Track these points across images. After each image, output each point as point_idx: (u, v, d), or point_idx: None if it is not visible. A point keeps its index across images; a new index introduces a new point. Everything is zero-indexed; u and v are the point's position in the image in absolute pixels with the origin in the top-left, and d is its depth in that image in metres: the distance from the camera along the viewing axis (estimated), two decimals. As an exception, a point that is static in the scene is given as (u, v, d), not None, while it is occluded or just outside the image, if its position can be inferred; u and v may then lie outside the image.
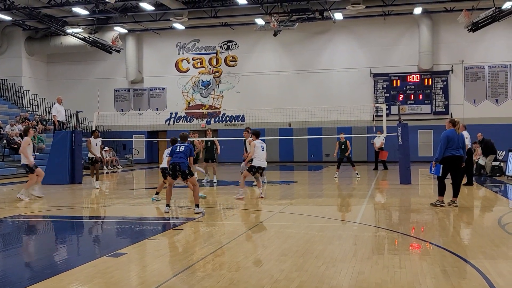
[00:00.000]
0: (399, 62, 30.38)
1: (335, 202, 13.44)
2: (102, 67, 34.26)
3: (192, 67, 33.39)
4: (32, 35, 33.05)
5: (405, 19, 29.93)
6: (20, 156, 14.58)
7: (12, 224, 10.33)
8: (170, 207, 11.12)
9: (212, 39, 32.90)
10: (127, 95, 34.31)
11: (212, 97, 33.12)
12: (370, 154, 29.38)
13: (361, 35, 30.89)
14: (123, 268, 6.53)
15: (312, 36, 31.39)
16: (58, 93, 28.15)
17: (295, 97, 30.76)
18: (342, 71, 31.07)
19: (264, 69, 32.16)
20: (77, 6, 27.08)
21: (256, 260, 6.65)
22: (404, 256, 6.85)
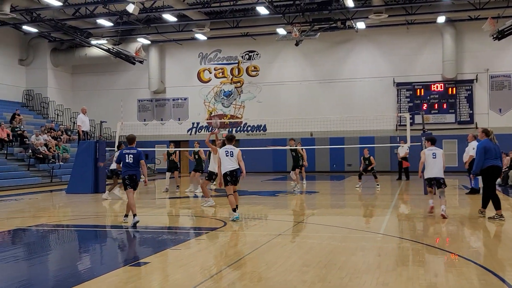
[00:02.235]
0: (422, 71, 30.10)
1: (358, 213, 13.31)
2: (126, 78, 34.65)
3: (214, 77, 33.57)
4: (58, 47, 33.62)
5: (428, 28, 29.69)
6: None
7: (37, 233, 10.44)
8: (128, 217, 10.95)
9: (234, 49, 33.06)
10: (150, 105, 34.60)
11: (234, 107, 33.22)
12: (393, 164, 29.08)
13: (384, 44, 30.72)
14: (146, 277, 6.54)
15: (334, 46, 31.33)
16: (83, 103, 28.56)
17: (317, 106, 30.67)
18: (365, 81, 30.91)
19: (285, 79, 32.17)
20: (102, 17, 27.48)
21: (278, 271, 6.59)
22: (429, 268, 6.72)
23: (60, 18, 27.55)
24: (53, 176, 23.87)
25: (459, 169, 27.58)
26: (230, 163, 11.10)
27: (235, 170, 11.12)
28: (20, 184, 21.80)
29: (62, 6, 25.39)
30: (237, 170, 11.15)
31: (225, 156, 11.18)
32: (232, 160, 11.13)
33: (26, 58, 32.86)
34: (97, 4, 25.80)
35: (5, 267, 7.28)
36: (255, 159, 25.95)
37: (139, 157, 10.72)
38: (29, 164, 23.93)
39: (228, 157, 11.15)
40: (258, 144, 29.45)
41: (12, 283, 6.31)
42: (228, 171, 11.07)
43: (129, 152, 10.78)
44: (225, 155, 11.18)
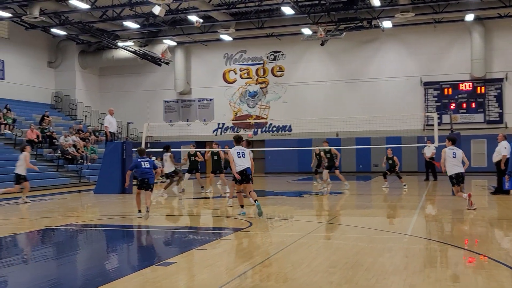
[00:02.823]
0: (450, 70, 29.66)
1: (384, 213, 13.18)
2: (152, 79, 34.98)
3: (239, 78, 33.64)
4: (85, 49, 34.12)
5: (456, 26, 29.24)
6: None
7: (66, 233, 10.61)
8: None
9: (259, 50, 33.09)
10: (176, 106, 34.86)
11: (259, 108, 33.24)
12: (420, 164, 28.73)
13: (411, 43, 30.38)
14: (172, 277, 6.58)
15: (360, 45, 31.10)
16: (110, 104, 28.95)
17: (343, 106, 30.49)
18: (391, 80, 30.61)
19: (311, 79, 32.06)
20: (128, 20, 27.81)
21: (304, 272, 6.57)
22: (458, 270, 6.62)
23: (87, 20, 27.97)
24: (82, 176, 24.23)
25: (488, 169, 27.10)
26: (242, 162, 11.59)
27: (245, 169, 11.58)
28: (49, 184, 22.19)
29: (89, 9, 25.77)
30: (247, 168, 11.65)
31: (237, 156, 11.62)
32: (243, 161, 11.60)
33: (54, 60, 33.44)
34: (123, 7, 26.12)
35: (35, 266, 7.41)
36: (280, 160, 25.92)
37: (154, 165, 12.27)
38: (58, 164, 24.34)
39: (240, 157, 11.61)
40: (283, 144, 29.41)
41: (42, 282, 6.42)
42: (241, 170, 11.55)
43: (144, 160, 12.08)
44: (237, 156, 11.63)
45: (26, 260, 7.74)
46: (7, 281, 6.64)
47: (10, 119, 25.79)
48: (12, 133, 24.90)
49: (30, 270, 7.19)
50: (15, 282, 6.54)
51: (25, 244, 9.47)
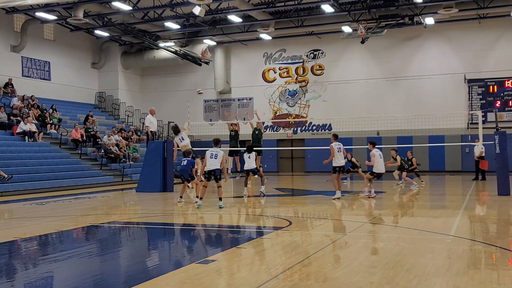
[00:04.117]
0: (495, 66, 28.84)
1: (427, 213, 12.93)
2: (192, 79, 35.32)
3: (279, 77, 33.61)
4: (127, 50, 34.76)
5: (501, 22, 28.41)
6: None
7: (109, 230, 10.84)
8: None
9: (298, 49, 32.97)
10: (216, 105, 35.11)
11: (299, 106, 33.13)
12: (464, 163, 28.09)
13: (454, 39, 29.70)
14: (212, 275, 6.64)
15: (401, 42, 30.60)
16: (151, 104, 29.41)
17: (384, 105, 30.06)
18: (434, 77, 29.99)
19: (351, 77, 31.74)
20: (169, 20, 28.18)
21: (344, 271, 6.52)
22: (503, 272, 6.44)
23: (129, 22, 28.50)
24: (124, 175, 24.70)
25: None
26: (212, 163, 13.35)
27: (213, 170, 13.36)
28: (93, 182, 22.71)
29: (131, 11, 26.23)
30: (216, 170, 13.39)
31: (209, 157, 13.40)
32: (214, 162, 13.35)
33: (98, 61, 34.20)
34: (164, 8, 26.48)
35: (79, 262, 7.61)
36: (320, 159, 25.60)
37: (192, 164, 15.52)
38: (101, 163, 24.87)
39: (212, 159, 13.36)
40: (323, 143, 29.19)
41: (86, 277, 6.58)
42: (208, 170, 13.39)
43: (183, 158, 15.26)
44: (210, 157, 13.40)
45: (71, 256, 7.94)
46: (53, 276, 6.84)
47: (56, 118, 26.52)
48: (58, 132, 25.59)
49: (75, 266, 7.38)
50: (60, 278, 6.73)
51: (70, 240, 9.72)
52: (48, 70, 30.47)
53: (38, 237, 9.75)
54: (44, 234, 10.07)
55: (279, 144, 31.14)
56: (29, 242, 9.25)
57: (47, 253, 8.41)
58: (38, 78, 29.83)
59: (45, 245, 9.26)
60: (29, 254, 8.28)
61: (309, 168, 31.52)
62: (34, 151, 22.77)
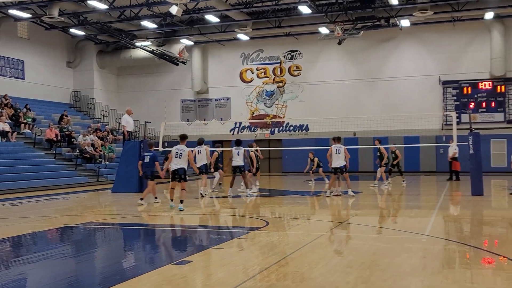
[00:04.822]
0: (469, 68, 29.31)
1: (402, 213, 13.07)
2: (169, 79, 35.13)
3: (256, 77, 33.64)
4: (103, 49, 34.40)
5: (475, 25, 28.88)
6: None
7: (84, 231, 10.71)
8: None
9: (276, 49, 33.05)
10: (193, 105, 34.98)
11: (276, 107, 33.21)
12: (439, 164, 28.48)
13: (429, 41, 30.09)
14: (189, 276, 6.61)
15: (377, 44, 30.89)
16: (128, 104, 29.18)
17: (360, 106, 30.31)
18: (409, 79, 30.35)
19: (328, 78, 31.93)
20: (146, 20, 27.97)
21: (321, 271, 6.54)
22: (477, 271, 6.54)
23: (106, 21, 28.20)
24: (99, 175, 24.44)
25: (508, 169, 26.73)
26: (176, 162, 12.88)
27: (177, 169, 12.87)
28: (68, 183, 22.42)
29: (107, 9, 25.97)
30: (180, 169, 12.90)
31: (174, 156, 12.93)
32: (178, 161, 12.87)
33: (73, 60, 33.77)
34: (141, 7, 26.28)
35: (53, 264, 7.49)
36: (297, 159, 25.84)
37: (155, 158, 14.54)
38: (76, 163, 24.57)
39: (177, 158, 12.89)
40: (300, 144, 29.33)
41: (60, 279, 6.49)
42: (173, 169, 12.93)
43: (146, 154, 14.59)
44: (175, 156, 12.93)
45: (45, 258, 7.82)
46: (26, 278, 6.73)
47: (30, 118, 26.11)
48: (32, 132, 25.21)
49: (49, 268, 7.27)
50: (34, 280, 6.63)
51: (44, 242, 9.57)
52: (22, 69, 29.98)
53: (11, 238, 9.58)
54: (17, 235, 9.90)
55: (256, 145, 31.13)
56: (2, 244, 9.07)
57: (20, 254, 8.27)
58: (12, 77, 29.31)
59: (18, 246, 9.11)
60: (2, 256, 8.12)
61: (286, 169, 31.62)
62: (8, 151, 22.38)
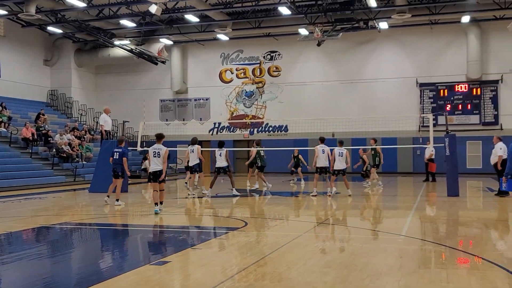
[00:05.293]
0: (446, 71, 29.71)
1: (379, 214, 13.20)
2: (148, 78, 34.92)
3: (236, 78, 33.63)
4: (81, 47, 34.04)
5: (452, 28, 29.29)
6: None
7: (60, 231, 10.59)
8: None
9: (255, 50, 33.07)
10: (172, 105, 34.82)
11: (255, 107, 33.24)
12: (416, 165, 28.80)
13: (407, 44, 30.42)
14: (167, 276, 6.58)
15: (356, 46, 31.13)
16: (106, 103, 28.89)
17: (339, 107, 30.50)
18: (387, 81, 30.65)
19: (307, 79, 32.07)
20: (125, 18, 27.75)
21: (299, 272, 6.57)
22: (452, 271, 6.64)
23: (84, 19, 27.89)
24: (77, 175, 24.17)
25: (483, 170, 27.21)
26: (154, 164, 12.36)
27: (157, 171, 12.34)
28: (44, 182, 22.12)
29: (86, 7, 25.70)
30: (158, 171, 12.35)
31: (152, 156, 12.38)
32: (156, 162, 12.34)
33: (50, 58, 33.34)
34: (120, 5, 26.06)
35: (29, 265, 7.39)
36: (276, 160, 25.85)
37: (123, 155, 14.35)
38: (53, 163, 24.26)
39: (156, 157, 12.34)
40: (279, 144, 29.39)
41: (36, 280, 6.41)
42: (152, 171, 12.43)
43: (116, 150, 14.43)
44: (153, 156, 12.37)
45: (20, 259, 7.71)
46: (0, 279, 6.62)
47: (6, 116, 25.71)
48: (8, 131, 24.81)
49: (24, 269, 7.17)
50: (9, 281, 6.52)
51: (20, 242, 9.44)
52: (-3, 66, 29.49)
53: (-15, 239, 9.43)
54: (-8, 235, 9.74)
55: (235, 145, 31.11)
56: (-24, 244, 8.92)
57: (-6, 255, 8.14)
58: (-13, 75, 28.83)
59: (-8, 247, 8.96)
60: (-24, 256, 7.99)
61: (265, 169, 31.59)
62: (-18, 150, 22.02)
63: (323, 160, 16.17)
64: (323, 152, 16.20)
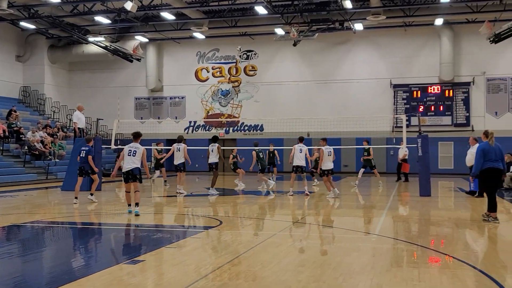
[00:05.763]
0: (419, 73, 30.14)
1: (353, 213, 13.32)
2: (123, 76, 34.59)
3: (212, 76, 33.55)
4: (55, 43, 33.54)
5: (426, 30, 29.73)
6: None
7: (32, 230, 10.42)
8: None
9: (232, 49, 33.03)
10: (147, 103, 34.57)
11: (231, 106, 33.21)
12: (389, 165, 29.13)
13: (382, 45, 30.76)
14: (140, 275, 6.54)
15: (332, 46, 31.35)
16: (79, 100, 28.45)
17: (314, 107, 30.68)
18: (362, 82, 30.93)
19: (283, 79, 32.17)
20: (99, 15, 27.44)
21: (273, 270, 6.60)
22: (424, 269, 6.74)
23: (58, 15, 27.49)
24: (49, 173, 23.83)
25: (455, 171, 27.71)
26: (129, 163, 11.68)
27: (131, 169, 11.65)
28: (15, 180, 21.75)
29: (60, 3, 25.35)
30: (135, 169, 11.67)
31: (127, 155, 11.76)
32: (132, 160, 11.70)
33: (23, 54, 32.77)
34: (95, 1, 25.74)
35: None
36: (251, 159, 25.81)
37: (89, 153, 14.76)
38: (25, 160, 23.88)
39: (130, 156, 11.73)
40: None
41: (7, 279, 6.30)
42: (126, 170, 11.72)
43: (83, 148, 14.81)
44: (127, 154, 11.76)
45: (-10, 258, 7.57)
46: (-30, 278, 6.49)
47: (-24, 113, 25.20)
48: (-22, 127, 24.33)
49: (-6, 268, 7.04)
50: (-22, 280, 6.40)
51: (-11, 241, 9.26)
52: (-32, 61, 28.87)
53: (-46, 237, 9.23)
54: (-39, 234, 9.54)
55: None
56: None
57: (-37, 254, 7.97)
58: (-43, 70, 28.20)
59: (-39, 246, 8.78)
60: None
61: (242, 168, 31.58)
62: (-49, 147, 21.53)
63: (299, 159, 16.21)
64: (301, 152, 16.26)
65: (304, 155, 16.29)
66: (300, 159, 16.26)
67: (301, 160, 16.19)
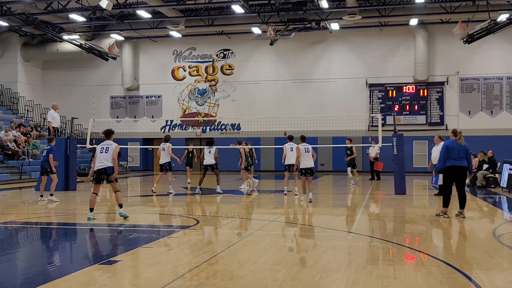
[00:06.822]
0: (394, 72, 30.48)
1: (329, 212, 13.42)
2: (98, 74, 34.24)
3: (188, 75, 33.42)
4: (28, 41, 33.02)
5: (401, 30, 30.08)
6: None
7: (5, 231, 10.25)
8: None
9: (208, 48, 32.96)
10: (123, 102, 34.27)
11: (208, 105, 33.13)
12: (365, 163, 29.39)
13: (358, 45, 31.01)
14: (116, 276, 6.49)
15: (308, 46, 31.49)
16: (54, 99, 28.10)
17: (291, 106, 30.79)
18: (338, 81, 31.15)
19: (260, 78, 32.21)
20: (74, 12, 27.10)
21: (250, 269, 6.61)
22: (399, 267, 6.83)
23: (31, 12, 27.07)
24: (22, 172, 23.46)
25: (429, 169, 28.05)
26: (100, 162, 10.97)
27: (103, 168, 10.93)
28: (-12, 180, 21.37)
29: (33, 0, 24.94)
30: (108, 168, 10.94)
31: (99, 153, 11.07)
32: (105, 157, 10.98)
33: (-5, 52, 32.22)
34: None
35: (-29, 265, 7.13)
36: (228, 158, 25.84)
37: (49, 151, 15.07)
38: (-3, 160, 23.48)
39: (103, 153, 11.03)
40: (232, 142, 29.36)
41: (-21, 281, 6.19)
42: (97, 169, 10.96)
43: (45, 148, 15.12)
44: (99, 152, 11.08)
45: (-38, 259, 7.43)
46: None
47: None
48: (-52, 126, 23.83)
49: (-34, 270, 6.91)
50: (-50, 282, 6.28)
51: (-39, 242, 9.09)
52: None
53: None
54: None
55: (187, 143, 30.94)
56: None
57: None
58: None
59: None
60: None
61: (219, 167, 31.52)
62: None
63: (291, 158, 16.16)
64: (291, 150, 16.25)
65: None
66: (292, 157, 15.99)
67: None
